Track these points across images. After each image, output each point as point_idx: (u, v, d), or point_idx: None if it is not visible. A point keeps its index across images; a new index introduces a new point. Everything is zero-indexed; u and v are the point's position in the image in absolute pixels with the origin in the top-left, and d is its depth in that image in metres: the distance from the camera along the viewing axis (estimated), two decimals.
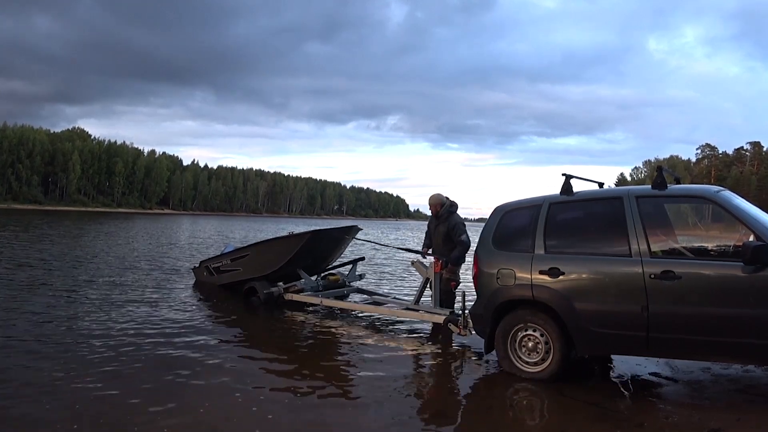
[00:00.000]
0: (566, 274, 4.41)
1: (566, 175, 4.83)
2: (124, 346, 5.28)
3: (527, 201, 5.03)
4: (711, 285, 3.95)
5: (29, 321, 6.22)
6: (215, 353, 5.23)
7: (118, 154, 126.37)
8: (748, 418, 3.72)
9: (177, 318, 6.76)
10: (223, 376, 4.54)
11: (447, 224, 6.76)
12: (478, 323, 4.98)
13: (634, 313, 4.09)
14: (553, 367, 4.45)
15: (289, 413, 3.81)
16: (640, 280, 4.11)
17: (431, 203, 6.95)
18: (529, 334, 4.58)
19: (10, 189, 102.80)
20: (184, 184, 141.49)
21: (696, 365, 4.86)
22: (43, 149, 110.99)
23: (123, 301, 7.70)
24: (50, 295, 7.92)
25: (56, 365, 4.62)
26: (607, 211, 4.62)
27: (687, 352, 4.14)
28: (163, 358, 4.98)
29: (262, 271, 8.03)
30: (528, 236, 4.72)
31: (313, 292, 7.69)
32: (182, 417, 3.64)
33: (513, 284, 4.63)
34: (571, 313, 4.33)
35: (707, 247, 4.58)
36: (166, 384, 4.29)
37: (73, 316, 6.62)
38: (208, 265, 9.14)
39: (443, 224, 6.79)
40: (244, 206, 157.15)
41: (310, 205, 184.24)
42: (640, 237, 4.22)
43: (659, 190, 4.39)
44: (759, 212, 4.40)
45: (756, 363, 4.34)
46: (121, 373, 4.47)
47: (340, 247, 8.60)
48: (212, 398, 3.99)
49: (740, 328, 3.79)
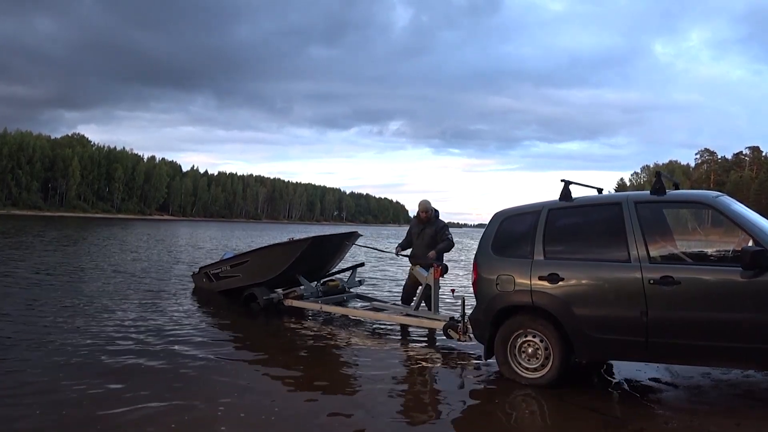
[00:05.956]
0: (565, 279, 4.42)
1: (565, 181, 4.85)
2: (122, 353, 5.28)
3: (526, 207, 5.04)
4: (710, 290, 3.95)
5: (26, 325, 6.22)
6: (214, 360, 5.23)
7: (118, 160, 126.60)
8: (747, 424, 3.71)
9: (176, 324, 6.75)
10: (222, 381, 4.53)
11: (434, 227, 7.03)
12: (478, 329, 4.98)
13: (634, 319, 4.10)
14: (552, 372, 4.45)
15: (288, 417, 3.80)
16: (639, 286, 4.11)
17: (423, 208, 7.12)
18: (529, 339, 4.58)
19: (10, 195, 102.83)
20: (184, 190, 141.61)
21: (696, 370, 4.86)
22: (43, 155, 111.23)
23: (121, 308, 7.69)
24: (50, 301, 7.90)
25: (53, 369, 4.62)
26: (606, 217, 4.63)
27: (686, 357, 4.15)
28: (162, 365, 4.97)
29: (261, 277, 8.02)
30: (527, 242, 4.73)
31: (312, 298, 7.69)
32: (183, 422, 3.63)
33: (512, 290, 4.63)
34: (570, 318, 4.34)
35: (706, 253, 4.58)
36: (166, 390, 4.28)
37: (71, 319, 6.61)
38: (207, 271, 9.12)
39: (430, 228, 7.04)
40: (244, 212, 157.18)
41: (310, 211, 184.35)
42: (639, 242, 4.23)
43: (658, 195, 4.41)
44: (758, 217, 4.42)
45: (756, 368, 4.34)
46: (119, 379, 4.46)
47: (340, 253, 8.60)
48: (214, 402, 3.99)
49: (740, 333, 3.79)
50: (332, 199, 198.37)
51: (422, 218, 7.12)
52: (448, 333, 5.84)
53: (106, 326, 6.43)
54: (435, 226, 7.06)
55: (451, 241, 7.02)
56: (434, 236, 7.00)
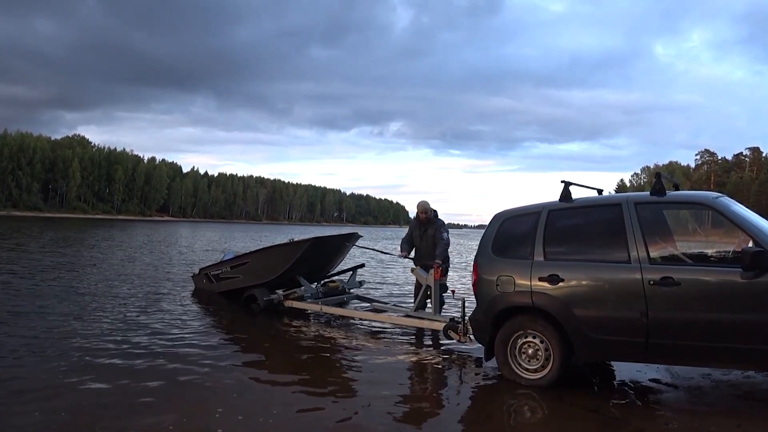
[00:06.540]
0: (566, 280, 4.42)
1: (565, 182, 4.85)
2: (122, 355, 5.28)
3: (526, 208, 5.04)
4: (710, 291, 3.96)
5: (24, 328, 6.22)
6: (215, 361, 5.22)
7: (118, 161, 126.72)
8: (748, 424, 3.72)
9: (175, 326, 6.75)
10: (222, 383, 4.54)
11: (434, 226, 7.04)
12: (478, 330, 4.99)
13: (634, 320, 4.10)
14: (553, 373, 4.45)
15: (288, 420, 3.80)
16: (639, 287, 4.11)
17: (421, 209, 7.11)
18: (529, 340, 4.58)
19: (10, 196, 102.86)
20: (184, 191, 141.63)
21: (696, 371, 4.86)
22: (43, 156, 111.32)
23: (121, 309, 7.69)
24: (48, 304, 7.91)
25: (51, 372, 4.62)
26: (606, 218, 4.63)
27: (687, 357, 4.15)
28: (162, 366, 4.97)
29: (262, 279, 8.02)
30: (527, 243, 4.74)
31: (313, 299, 7.69)
32: (182, 424, 3.64)
33: (512, 291, 4.64)
34: (570, 319, 4.34)
35: (706, 253, 4.58)
36: (165, 392, 4.28)
37: (69, 321, 6.61)
38: (207, 273, 9.12)
39: (431, 228, 7.04)
40: (244, 213, 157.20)
41: (310, 212, 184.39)
42: (639, 243, 4.23)
43: (658, 196, 4.41)
44: (758, 218, 4.42)
45: (756, 368, 4.34)
46: (118, 382, 4.46)
47: (341, 254, 8.61)
48: (213, 404, 3.99)
49: (740, 334, 3.80)
50: (332, 200, 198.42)
51: (422, 219, 7.12)
52: (449, 334, 5.85)
53: (105, 328, 6.43)
54: (435, 225, 7.07)
55: (446, 241, 6.96)
56: (435, 236, 7.00)
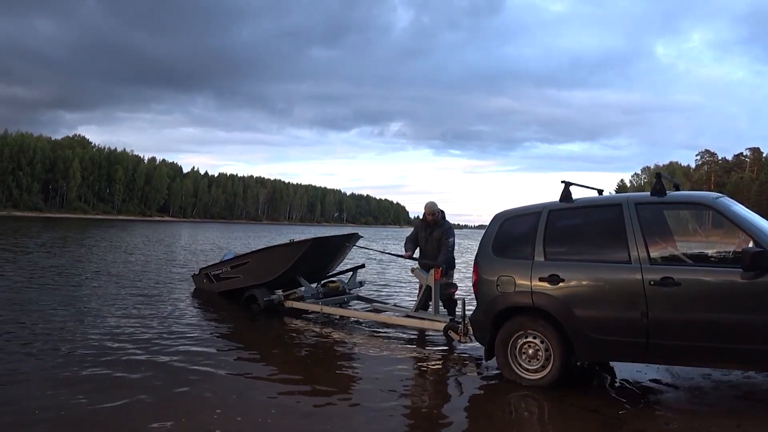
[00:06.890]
0: (566, 281, 4.42)
1: (565, 182, 4.85)
2: (121, 355, 5.28)
3: (526, 208, 5.04)
4: (710, 291, 3.96)
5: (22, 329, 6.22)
6: (215, 361, 5.22)
7: (119, 161, 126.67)
8: (748, 424, 3.71)
9: (176, 326, 6.75)
10: (221, 384, 4.54)
11: (441, 229, 6.93)
12: (478, 330, 4.99)
13: (634, 320, 4.10)
14: (553, 374, 4.45)
15: (287, 420, 3.81)
16: (639, 287, 4.11)
17: (429, 211, 7.02)
18: (530, 341, 4.58)
19: (11, 196, 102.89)
20: (184, 192, 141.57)
21: (696, 371, 4.86)
22: (43, 156, 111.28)
23: (119, 309, 7.69)
24: (47, 304, 7.90)
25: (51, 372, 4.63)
26: (606, 218, 4.63)
27: (687, 358, 4.15)
28: (162, 367, 4.97)
29: (262, 279, 8.02)
30: (527, 243, 4.74)
31: (313, 299, 7.69)
32: (181, 424, 3.63)
33: (513, 291, 4.64)
34: (571, 319, 4.34)
35: (707, 254, 4.59)
36: (165, 392, 4.28)
37: (69, 323, 6.61)
38: (208, 272, 9.12)
39: (438, 230, 6.94)
40: (244, 213, 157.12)
41: (310, 212, 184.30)
42: (640, 244, 4.23)
43: (658, 196, 4.41)
44: (758, 218, 4.42)
45: (756, 369, 4.34)
46: (118, 383, 4.46)
47: (341, 254, 8.61)
48: (212, 405, 3.99)
49: (740, 334, 3.80)
50: (333, 200, 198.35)
51: (428, 221, 7.03)
52: (449, 334, 5.85)
53: (105, 328, 6.43)
54: (442, 228, 6.96)
55: (451, 246, 6.89)
56: (441, 239, 6.90)
